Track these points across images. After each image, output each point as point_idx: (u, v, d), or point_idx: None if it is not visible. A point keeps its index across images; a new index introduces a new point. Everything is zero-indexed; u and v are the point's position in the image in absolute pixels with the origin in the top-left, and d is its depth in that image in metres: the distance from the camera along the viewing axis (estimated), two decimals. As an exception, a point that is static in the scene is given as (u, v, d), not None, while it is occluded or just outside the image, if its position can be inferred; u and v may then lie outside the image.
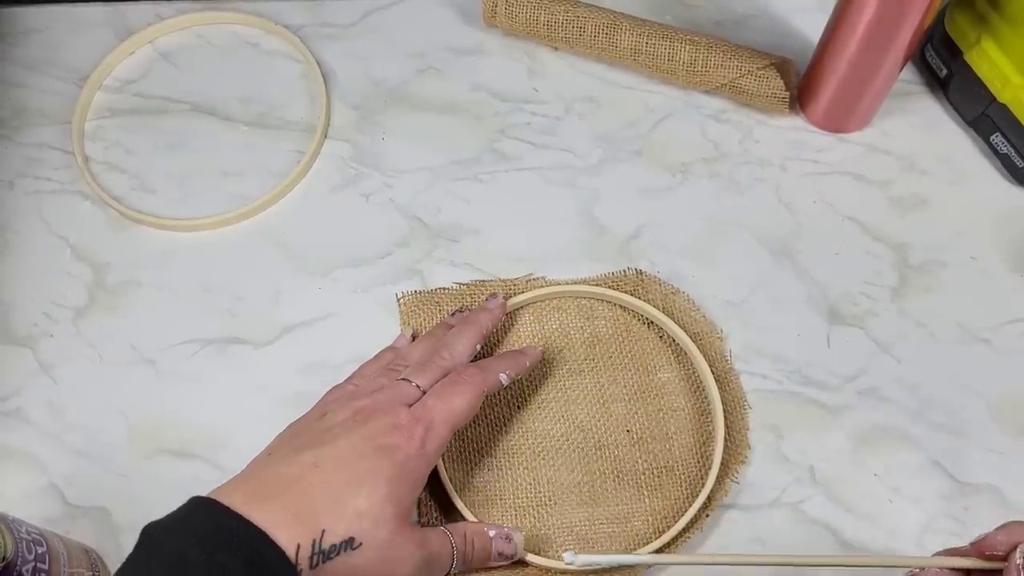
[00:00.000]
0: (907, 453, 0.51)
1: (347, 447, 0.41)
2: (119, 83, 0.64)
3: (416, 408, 0.44)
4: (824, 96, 0.59)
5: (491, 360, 0.49)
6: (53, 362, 0.54)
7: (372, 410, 0.43)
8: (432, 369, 0.46)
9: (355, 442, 0.41)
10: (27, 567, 0.39)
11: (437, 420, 0.43)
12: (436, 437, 0.43)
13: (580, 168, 0.60)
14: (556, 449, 0.51)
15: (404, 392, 0.45)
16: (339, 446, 0.41)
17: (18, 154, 0.61)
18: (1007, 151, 0.58)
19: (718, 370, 0.52)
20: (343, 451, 0.41)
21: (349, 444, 0.41)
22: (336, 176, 0.60)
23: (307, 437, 0.42)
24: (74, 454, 0.52)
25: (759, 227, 0.58)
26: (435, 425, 0.43)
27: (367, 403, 0.44)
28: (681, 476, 0.50)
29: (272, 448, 0.43)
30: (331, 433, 0.42)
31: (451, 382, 0.45)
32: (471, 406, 0.45)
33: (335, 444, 0.41)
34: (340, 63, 0.64)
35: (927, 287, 0.56)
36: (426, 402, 0.44)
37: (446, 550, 0.43)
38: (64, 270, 0.57)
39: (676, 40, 0.60)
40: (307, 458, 0.41)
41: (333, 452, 0.41)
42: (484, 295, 0.55)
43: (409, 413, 0.43)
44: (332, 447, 0.41)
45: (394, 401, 0.44)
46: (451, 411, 0.44)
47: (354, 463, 0.40)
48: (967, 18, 0.58)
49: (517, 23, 0.63)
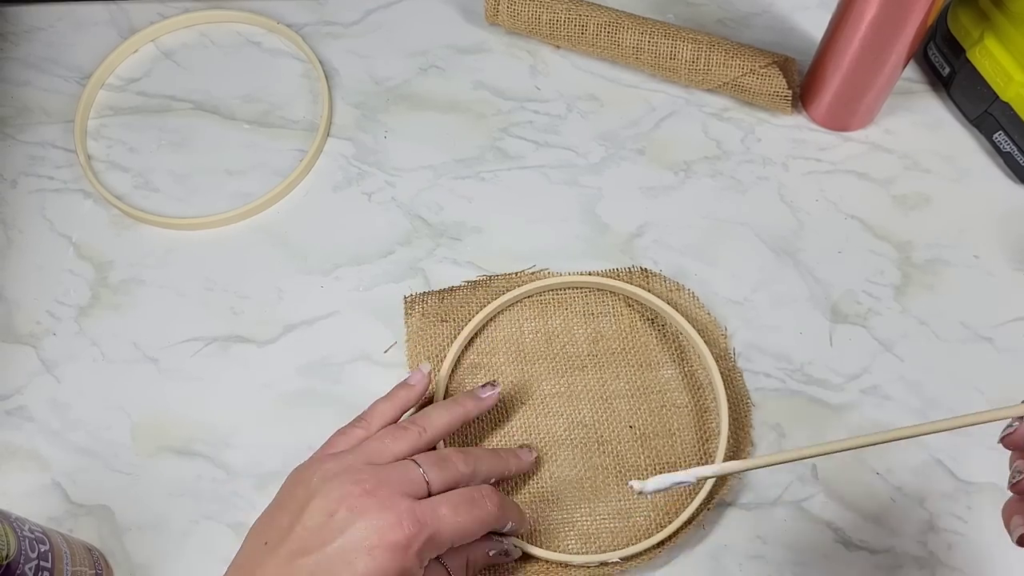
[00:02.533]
0: (909, 452, 0.51)
1: (338, 541, 0.38)
2: (122, 81, 0.64)
3: (424, 510, 0.39)
4: (827, 94, 0.59)
5: (510, 501, 0.45)
6: (56, 360, 0.54)
7: (371, 494, 0.39)
8: (449, 470, 0.42)
9: (354, 542, 0.38)
10: (30, 565, 0.40)
11: (444, 535, 0.40)
12: (433, 550, 0.40)
13: (582, 167, 0.60)
14: (558, 445, 0.51)
15: (410, 479, 0.41)
16: (329, 556, 0.37)
17: (21, 152, 0.61)
18: (1010, 149, 0.58)
19: (723, 367, 0.52)
20: (333, 551, 0.37)
21: (340, 553, 0.37)
22: (338, 175, 0.60)
23: (302, 533, 0.39)
24: (77, 452, 0.52)
25: (761, 225, 0.58)
26: (439, 539, 0.40)
27: (368, 482, 0.39)
28: None
29: (268, 537, 0.39)
30: (325, 531, 0.38)
31: (470, 500, 0.41)
32: (479, 534, 0.42)
33: (325, 552, 0.38)
34: (342, 62, 0.64)
35: (930, 285, 0.56)
36: (438, 509, 0.40)
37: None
38: (67, 268, 0.57)
39: (678, 38, 0.60)
40: (295, 544, 0.38)
41: (321, 541, 0.38)
42: (490, 294, 0.54)
43: (413, 513, 0.39)
44: (322, 556, 0.37)
45: (398, 488, 0.40)
46: (460, 531, 0.41)
47: (340, 561, 0.37)
48: (970, 16, 0.58)
49: (519, 21, 0.63)
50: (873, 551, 0.49)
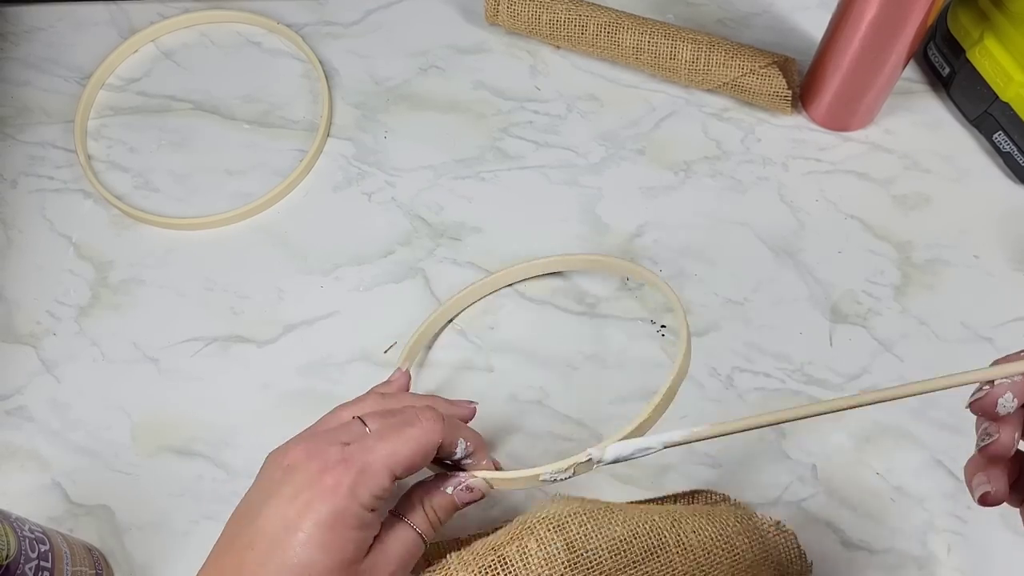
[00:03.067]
0: (909, 452, 0.51)
1: (275, 516, 0.36)
2: (122, 82, 0.64)
3: (351, 447, 0.37)
4: (826, 94, 0.59)
5: (456, 421, 0.42)
6: (56, 360, 0.54)
7: (304, 456, 0.37)
8: (388, 407, 0.41)
9: (282, 507, 0.36)
10: (30, 565, 0.40)
11: (375, 465, 0.37)
12: (371, 484, 0.36)
13: (582, 167, 0.60)
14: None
15: (346, 430, 0.39)
16: (267, 516, 0.36)
17: (21, 152, 0.61)
18: (1010, 149, 0.58)
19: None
20: (271, 522, 0.36)
21: (277, 512, 0.36)
22: (338, 175, 0.60)
23: (246, 509, 0.38)
24: (77, 452, 0.52)
25: (761, 226, 0.58)
26: (371, 470, 0.37)
27: (300, 447, 0.38)
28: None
29: (226, 526, 0.39)
30: (263, 497, 0.37)
31: (401, 423, 0.39)
32: (418, 455, 0.38)
33: (264, 513, 0.36)
34: (342, 62, 0.64)
35: (929, 285, 0.56)
36: (365, 442, 0.38)
37: (409, 545, 0.39)
38: (67, 268, 0.57)
39: (678, 39, 0.60)
40: (244, 540, 0.36)
41: (263, 526, 0.36)
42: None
43: (340, 453, 0.37)
44: (262, 518, 0.36)
45: (330, 440, 0.38)
46: (393, 456, 0.37)
47: (282, 536, 0.36)
48: (969, 16, 0.58)
49: (519, 22, 0.63)
50: (873, 551, 0.49)
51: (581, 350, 0.54)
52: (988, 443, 0.31)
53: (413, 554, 0.39)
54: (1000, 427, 0.31)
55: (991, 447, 0.31)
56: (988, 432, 0.31)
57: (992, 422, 0.31)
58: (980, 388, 0.32)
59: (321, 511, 0.35)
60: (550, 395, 0.53)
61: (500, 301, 0.56)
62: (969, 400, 0.32)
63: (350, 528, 0.36)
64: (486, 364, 0.54)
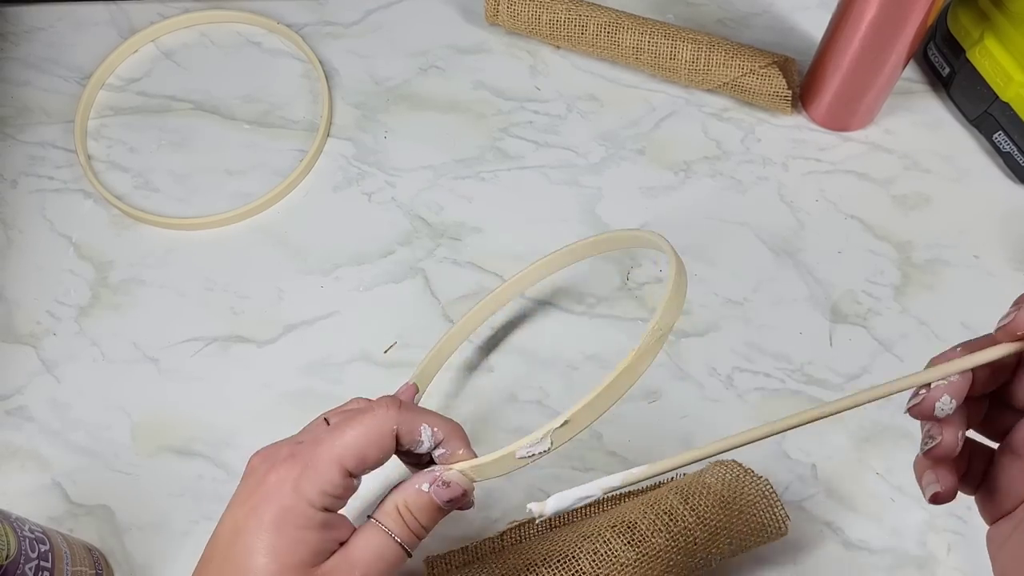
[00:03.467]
0: (910, 452, 0.51)
1: (227, 523, 0.34)
2: (122, 81, 0.64)
3: (301, 444, 0.35)
4: (826, 94, 0.59)
5: (422, 409, 0.37)
6: (56, 360, 0.54)
7: (259, 459, 0.36)
8: (351, 404, 0.38)
9: (233, 512, 0.34)
10: (30, 565, 0.40)
11: (322, 458, 0.34)
12: (317, 480, 0.33)
13: (582, 167, 0.60)
14: None
15: (308, 428, 0.37)
16: (220, 524, 0.35)
17: (21, 152, 0.61)
18: (1010, 149, 0.58)
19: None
20: (223, 530, 0.34)
21: (228, 519, 0.34)
22: (338, 175, 0.60)
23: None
24: (77, 452, 0.52)
25: (761, 226, 0.58)
26: (316, 463, 0.34)
27: (258, 451, 0.36)
28: None
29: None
30: (225, 508, 0.36)
31: (355, 412, 0.36)
32: (369, 444, 0.34)
33: (220, 523, 0.35)
34: (342, 62, 0.64)
35: (930, 285, 0.56)
36: (317, 436, 0.35)
37: (381, 550, 0.35)
38: (67, 268, 0.57)
39: (678, 39, 0.60)
40: (206, 555, 0.35)
41: (217, 535, 0.35)
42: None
43: (289, 450, 0.34)
44: (218, 528, 0.35)
45: (287, 440, 0.36)
46: (340, 447, 0.34)
47: (232, 542, 0.34)
48: (969, 16, 0.58)
49: (519, 22, 0.63)
50: (873, 551, 0.49)
51: (581, 350, 0.54)
52: (932, 446, 0.31)
53: (388, 561, 0.35)
54: (942, 429, 0.31)
55: (935, 450, 0.31)
56: (931, 435, 0.31)
57: (934, 424, 0.31)
58: (916, 393, 0.31)
59: (265, 512, 0.33)
60: (550, 395, 0.53)
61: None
62: (907, 406, 0.32)
63: (299, 528, 0.33)
64: (486, 364, 0.54)
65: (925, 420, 0.31)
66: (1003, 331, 0.31)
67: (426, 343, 0.54)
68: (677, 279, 0.38)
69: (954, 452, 0.31)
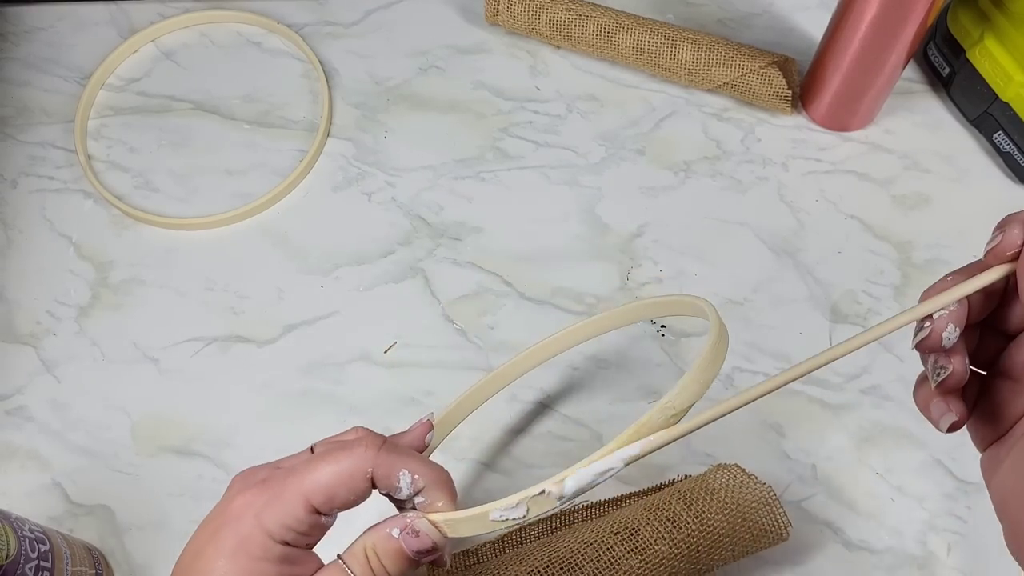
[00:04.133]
0: (909, 452, 0.51)
1: (191, 546, 0.34)
2: (122, 81, 0.64)
3: (279, 471, 0.34)
4: (827, 94, 0.59)
5: (406, 450, 0.35)
6: (56, 360, 0.54)
7: (237, 480, 0.35)
8: (348, 433, 0.36)
9: (198, 535, 0.34)
10: (30, 565, 0.40)
11: (290, 490, 0.32)
12: (279, 510, 0.32)
13: (582, 167, 0.60)
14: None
15: (294, 455, 0.35)
16: (188, 544, 0.34)
17: (21, 153, 0.61)
18: (1009, 149, 0.58)
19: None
20: (186, 553, 0.34)
21: (192, 541, 0.34)
22: (338, 175, 0.60)
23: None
24: (77, 452, 0.52)
25: (761, 226, 0.58)
26: (283, 494, 0.32)
27: (241, 472, 0.35)
28: None
29: None
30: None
31: (337, 446, 0.34)
32: (339, 484, 0.32)
33: (188, 543, 0.34)
34: (342, 62, 0.64)
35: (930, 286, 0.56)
36: (295, 466, 0.33)
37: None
38: (67, 268, 0.57)
39: (678, 39, 0.60)
40: (173, 572, 0.34)
41: (180, 557, 0.34)
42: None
43: (265, 474, 0.34)
44: (186, 546, 0.34)
45: (268, 464, 0.35)
46: (311, 480, 0.32)
47: (190, 566, 0.33)
48: (970, 16, 0.58)
49: (519, 22, 0.63)
50: (873, 551, 0.49)
51: (581, 350, 0.54)
52: (944, 376, 0.31)
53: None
54: (950, 358, 0.31)
55: (948, 380, 0.31)
56: (942, 366, 0.31)
57: (941, 355, 0.31)
58: (921, 328, 0.32)
59: (225, 537, 0.32)
60: (550, 395, 0.53)
61: (500, 301, 0.56)
62: (914, 342, 0.32)
63: (254, 559, 0.32)
64: (486, 364, 0.54)
65: (933, 352, 0.32)
66: (992, 254, 0.32)
67: (426, 343, 0.54)
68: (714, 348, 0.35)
69: (964, 379, 0.31)
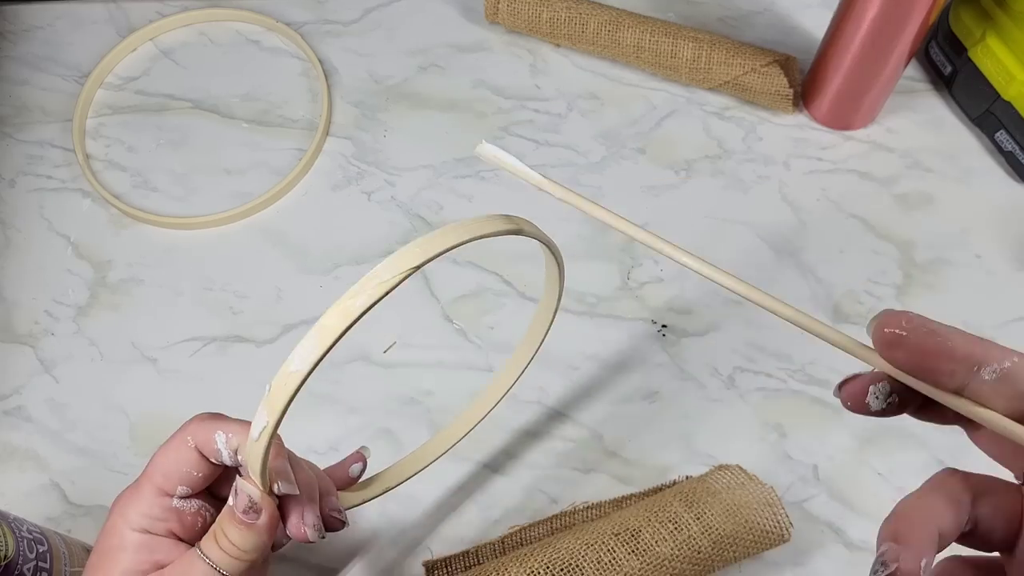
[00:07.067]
0: (911, 452, 0.51)
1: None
2: (120, 80, 0.64)
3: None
4: (828, 93, 0.59)
5: (224, 416, 0.36)
6: (54, 360, 0.54)
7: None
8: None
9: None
10: (28, 566, 0.39)
11: (140, 481, 0.34)
12: (136, 499, 0.33)
13: (583, 165, 0.60)
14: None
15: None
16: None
17: (19, 152, 0.61)
18: (1012, 148, 0.57)
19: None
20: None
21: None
22: (338, 174, 0.60)
23: None
24: (75, 452, 0.52)
25: (762, 225, 0.58)
26: (138, 487, 0.34)
27: None
28: None
29: None
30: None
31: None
32: (167, 458, 0.34)
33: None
34: (342, 60, 0.64)
35: (932, 285, 0.56)
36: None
37: (193, 574, 0.32)
38: (65, 268, 0.57)
39: (679, 37, 0.60)
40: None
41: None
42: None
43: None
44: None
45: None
46: (151, 465, 0.34)
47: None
48: (972, 15, 0.57)
49: (519, 20, 0.63)
50: (874, 552, 0.48)
51: (581, 350, 0.54)
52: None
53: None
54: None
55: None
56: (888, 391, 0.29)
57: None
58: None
59: (102, 534, 0.33)
60: (550, 395, 0.53)
61: (500, 300, 0.56)
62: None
63: (112, 548, 0.33)
64: (486, 364, 0.54)
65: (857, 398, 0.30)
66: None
67: (425, 343, 0.54)
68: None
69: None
